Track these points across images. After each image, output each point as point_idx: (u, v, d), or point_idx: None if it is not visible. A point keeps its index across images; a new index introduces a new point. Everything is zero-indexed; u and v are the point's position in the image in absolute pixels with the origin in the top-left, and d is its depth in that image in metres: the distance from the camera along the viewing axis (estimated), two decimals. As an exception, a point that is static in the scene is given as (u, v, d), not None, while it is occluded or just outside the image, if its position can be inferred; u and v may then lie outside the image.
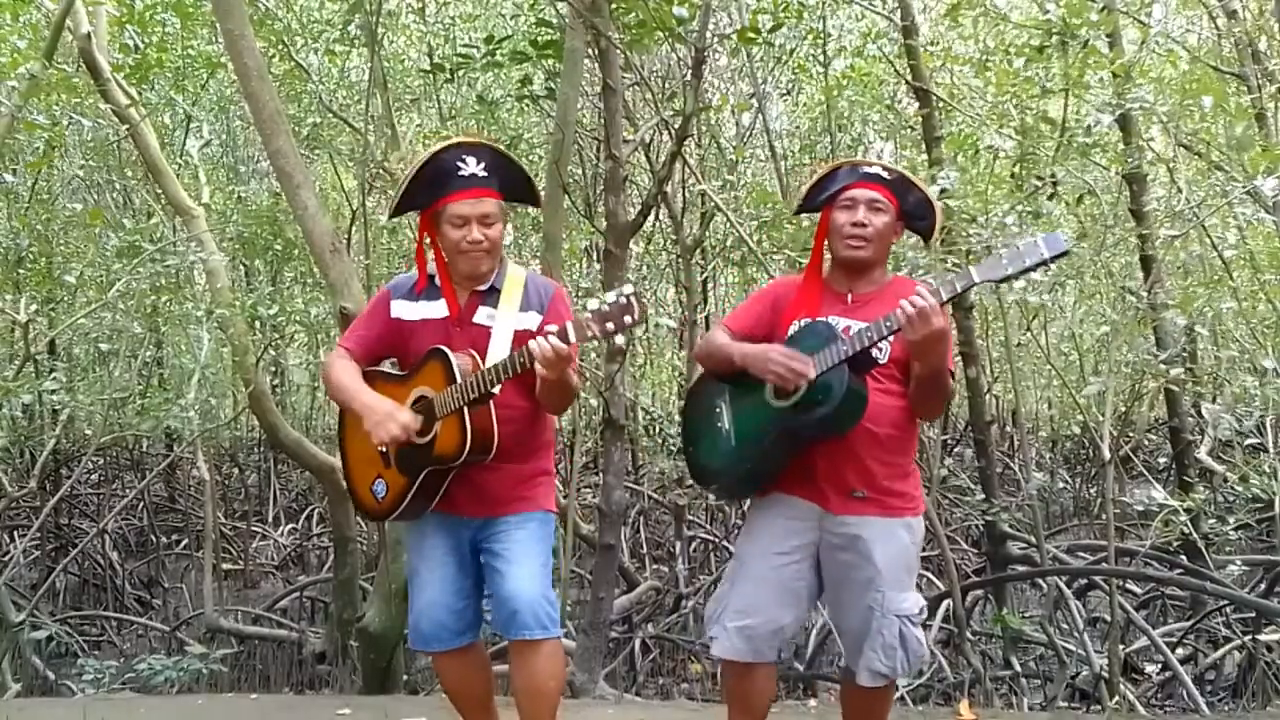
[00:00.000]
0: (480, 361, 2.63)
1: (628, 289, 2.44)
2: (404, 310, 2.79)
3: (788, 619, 2.70)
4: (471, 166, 2.69)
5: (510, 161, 2.82)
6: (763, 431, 2.62)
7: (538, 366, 2.49)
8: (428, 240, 2.81)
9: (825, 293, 2.73)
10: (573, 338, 2.45)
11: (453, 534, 2.78)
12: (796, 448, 2.62)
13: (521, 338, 2.65)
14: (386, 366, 2.90)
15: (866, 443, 2.59)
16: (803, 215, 3.89)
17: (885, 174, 2.71)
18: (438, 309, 2.76)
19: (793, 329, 2.68)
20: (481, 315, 2.74)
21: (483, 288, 2.76)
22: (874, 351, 2.56)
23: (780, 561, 2.68)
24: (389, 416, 2.62)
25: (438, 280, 2.79)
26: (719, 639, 2.72)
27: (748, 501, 2.92)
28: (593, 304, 2.45)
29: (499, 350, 2.65)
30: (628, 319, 2.41)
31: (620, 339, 2.58)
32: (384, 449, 2.72)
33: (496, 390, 2.60)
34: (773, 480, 2.71)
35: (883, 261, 2.76)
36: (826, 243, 2.75)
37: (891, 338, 2.50)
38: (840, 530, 2.63)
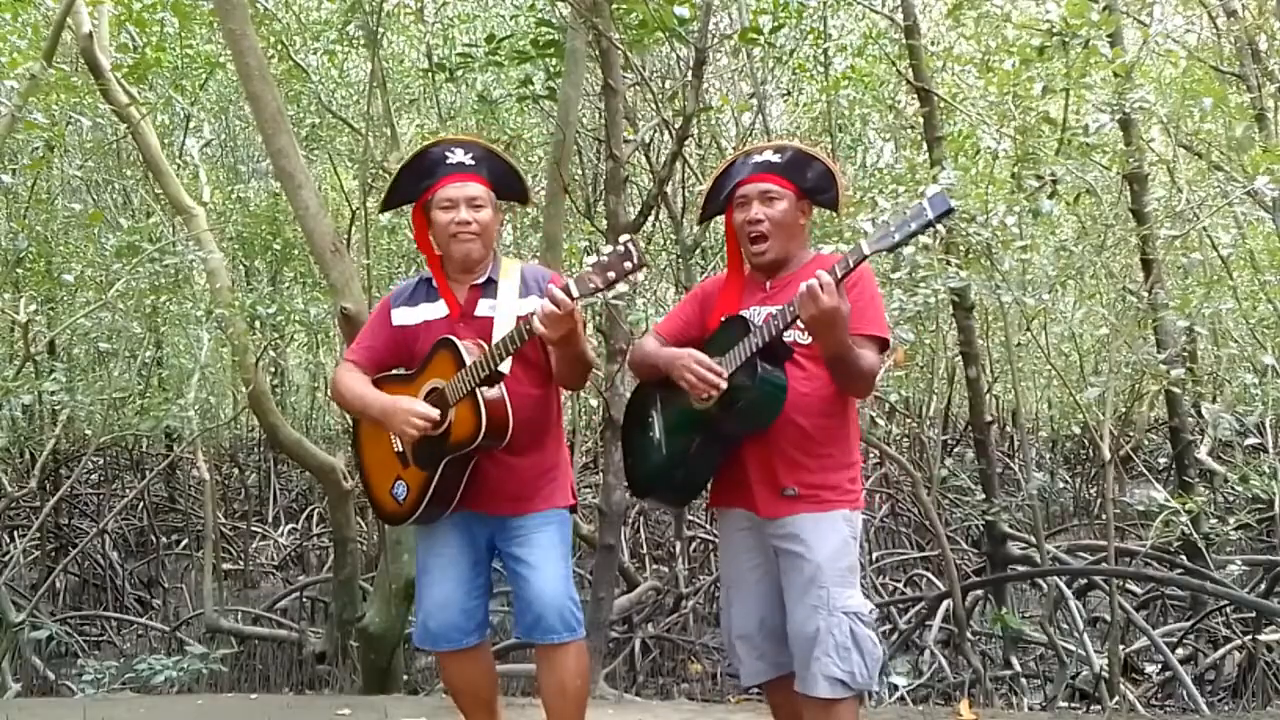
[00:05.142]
0: (487, 348, 2.62)
1: (624, 238, 2.42)
2: (405, 316, 2.79)
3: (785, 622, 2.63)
4: (459, 156, 2.74)
5: (498, 156, 2.84)
6: (690, 436, 2.59)
7: (536, 325, 2.46)
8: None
9: (747, 284, 2.70)
10: (575, 291, 2.42)
11: (467, 532, 2.76)
12: (725, 449, 2.58)
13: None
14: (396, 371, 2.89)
15: (793, 436, 2.53)
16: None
17: (776, 158, 2.65)
18: (438, 310, 2.76)
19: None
20: (483, 308, 2.74)
21: (479, 281, 2.76)
22: (793, 336, 2.51)
23: (753, 577, 2.65)
24: (409, 413, 2.60)
25: (434, 282, 2.79)
26: (739, 670, 2.68)
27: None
28: (590, 258, 2.44)
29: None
30: (628, 265, 2.39)
31: (623, 287, 2.58)
32: (401, 449, 2.72)
33: (505, 368, 2.59)
34: (706, 486, 2.69)
35: (797, 247, 2.69)
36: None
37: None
38: (778, 533, 2.57)
